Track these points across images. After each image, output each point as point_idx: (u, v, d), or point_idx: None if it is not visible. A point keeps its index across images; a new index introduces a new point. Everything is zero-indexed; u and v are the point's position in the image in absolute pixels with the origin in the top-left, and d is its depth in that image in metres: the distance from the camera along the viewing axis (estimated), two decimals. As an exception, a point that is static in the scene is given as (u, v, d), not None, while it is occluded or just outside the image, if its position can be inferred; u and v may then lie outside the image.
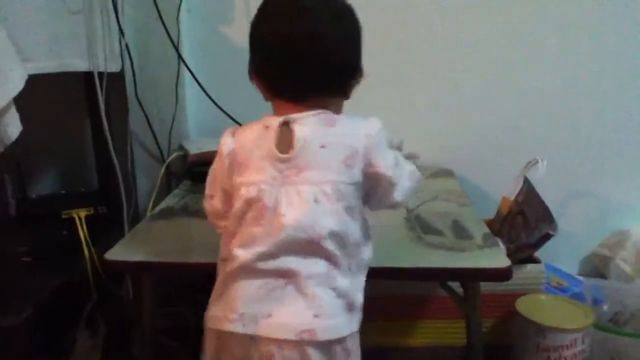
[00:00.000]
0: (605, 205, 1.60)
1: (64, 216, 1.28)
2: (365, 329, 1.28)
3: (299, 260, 0.73)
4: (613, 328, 1.23)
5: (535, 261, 1.31)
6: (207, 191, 0.84)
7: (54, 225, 1.27)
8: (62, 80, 1.26)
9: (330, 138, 0.76)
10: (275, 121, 0.77)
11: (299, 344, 0.71)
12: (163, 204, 1.21)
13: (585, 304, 1.24)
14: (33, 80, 1.00)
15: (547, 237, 1.21)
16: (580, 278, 1.47)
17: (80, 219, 1.27)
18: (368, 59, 1.52)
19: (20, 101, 0.97)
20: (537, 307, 1.20)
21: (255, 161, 0.76)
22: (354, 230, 0.76)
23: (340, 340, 0.74)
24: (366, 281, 0.82)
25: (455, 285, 1.04)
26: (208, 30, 1.50)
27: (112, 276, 1.28)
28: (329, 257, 0.74)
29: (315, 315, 0.72)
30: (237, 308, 0.74)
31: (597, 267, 1.57)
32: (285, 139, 0.76)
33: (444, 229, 1.06)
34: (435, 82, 1.55)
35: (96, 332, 1.28)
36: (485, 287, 1.01)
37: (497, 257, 0.94)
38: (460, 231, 1.05)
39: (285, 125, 0.76)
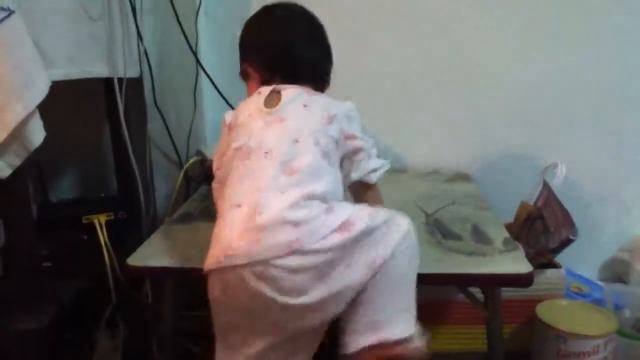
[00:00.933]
0: (625, 209, 1.58)
1: (84, 221, 1.29)
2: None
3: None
4: (637, 335, 1.22)
5: (555, 266, 1.30)
6: (214, 165, 0.93)
7: (75, 230, 1.29)
8: (81, 86, 1.28)
9: (312, 100, 0.89)
10: (266, 89, 0.91)
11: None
12: (182, 209, 1.22)
13: (607, 310, 1.23)
14: (54, 87, 1.01)
15: (567, 241, 1.20)
16: (601, 283, 1.46)
17: (100, 224, 1.29)
18: (385, 63, 1.53)
19: (41, 107, 0.98)
20: (558, 313, 1.19)
21: (245, 118, 0.88)
22: (328, 175, 0.83)
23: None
24: None
25: (476, 291, 1.04)
26: (226, 34, 1.51)
27: (132, 280, 1.29)
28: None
29: None
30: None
31: (617, 272, 1.55)
32: (273, 100, 0.89)
33: (463, 233, 1.05)
34: (452, 86, 1.54)
35: (116, 335, 1.29)
36: (505, 292, 1.00)
37: (518, 262, 0.93)
38: (480, 236, 1.04)
39: (275, 92, 0.90)
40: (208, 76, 1.48)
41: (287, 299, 0.74)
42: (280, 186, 0.79)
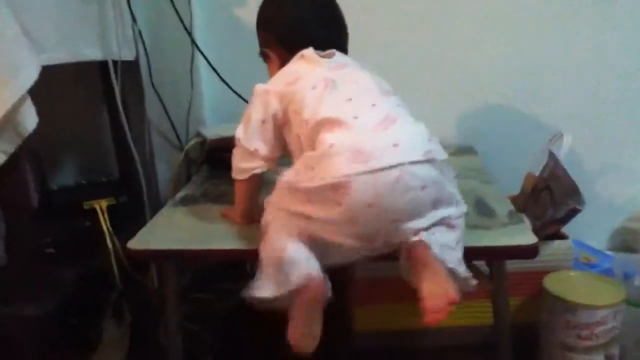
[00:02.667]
0: (634, 178, 1.56)
1: (85, 207, 1.29)
2: (390, 311, 1.28)
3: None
4: (646, 304, 1.21)
5: (563, 237, 1.28)
6: (241, 134, 0.93)
7: (76, 216, 1.29)
8: (78, 70, 1.27)
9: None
10: (308, 52, 0.94)
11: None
12: (183, 191, 1.21)
13: (615, 280, 1.21)
14: (49, 71, 1.00)
15: (574, 211, 1.18)
16: (610, 253, 1.44)
17: (102, 209, 1.28)
18: (387, 36, 1.51)
19: (37, 93, 0.97)
20: (566, 284, 1.18)
21: (302, 72, 0.92)
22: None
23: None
24: (390, 263, 0.85)
25: (481, 264, 1.02)
26: (220, 14, 1.48)
27: (137, 265, 1.29)
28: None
29: None
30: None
31: (627, 241, 1.54)
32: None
33: (467, 207, 1.03)
34: (454, 57, 1.52)
35: (122, 321, 1.30)
36: (512, 265, 0.99)
37: (523, 234, 0.92)
38: (484, 209, 1.03)
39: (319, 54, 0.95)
40: (204, 56, 1.46)
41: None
42: (391, 103, 0.87)
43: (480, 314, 1.25)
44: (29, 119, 0.95)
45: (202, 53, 1.45)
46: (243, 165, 0.94)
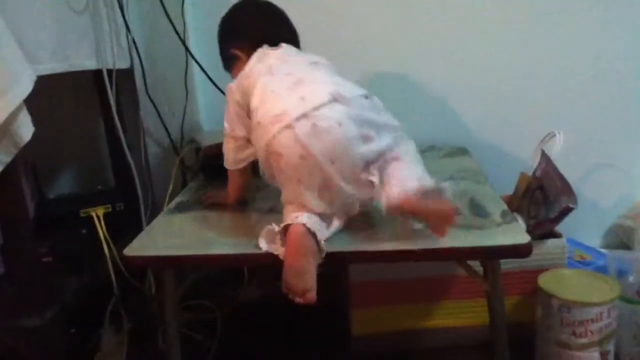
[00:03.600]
0: (626, 175, 1.57)
1: (82, 215, 1.29)
2: (387, 313, 1.29)
3: None
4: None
5: (557, 236, 1.29)
6: (228, 128, 1.04)
7: (73, 225, 1.29)
8: (73, 80, 1.27)
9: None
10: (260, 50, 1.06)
11: None
12: (179, 198, 1.21)
13: (609, 277, 1.22)
14: (44, 81, 1.01)
15: (567, 210, 1.19)
16: (604, 251, 1.45)
17: (98, 217, 1.29)
18: (377, 35, 1.52)
19: (32, 102, 0.98)
20: (561, 282, 1.18)
21: (258, 70, 1.02)
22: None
23: None
24: (385, 265, 0.99)
25: (475, 264, 1.03)
26: (214, 22, 1.47)
27: (134, 272, 1.29)
28: None
29: None
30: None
31: (621, 238, 1.55)
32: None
33: (461, 207, 1.04)
34: (447, 58, 1.52)
35: (121, 328, 1.30)
36: (507, 264, 1.00)
37: (516, 234, 0.92)
38: (477, 209, 1.03)
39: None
40: (198, 64, 1.47)
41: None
42: (309, 71, 0.99)
43: (476, 313, 1.26)
44: (25, 129, 0.96)
45: (196, 60, 1.46)
46: (240, 155, 1.04)
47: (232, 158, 1.05)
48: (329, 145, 0.87)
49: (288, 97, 0.92)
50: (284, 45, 1.07)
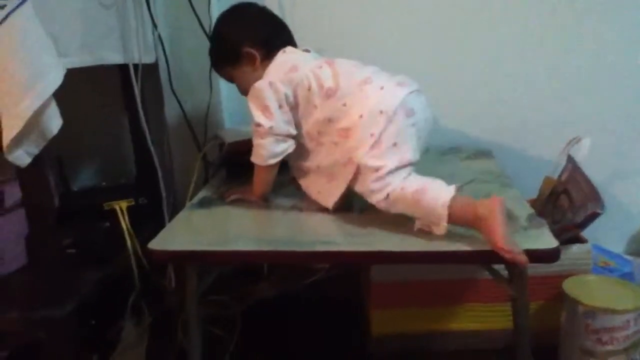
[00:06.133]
0: (653, 181, 1.54)
1: (105, 208, 1.30)
2: (408, 314, 1.28)
3: None
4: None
5: (582, 241, 1.27)
6: (266, 121, 1.06)
7: (97, 217, 1.30)
8: (98, 74, 1.28)
9: None
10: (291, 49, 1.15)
11: None
12: (201, 194, 1.22)
13: (636, 284, 1.20)
14: (70, 75, 1.01)
15: (594, 215, 1.17)
16: (629, 258, 1.43)
17: (121, 210, 1.30)
18: (405, 42, 1.52)
19: (59, 95, 0.98)
20: (585, 289, 1.17)
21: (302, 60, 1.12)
22: None
23: None
24: (407, 266, 1.03)
25: (501, 268, 1.02)
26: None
27: (155, 266, 1.30)
28: None
29: None
30: None
31: (647, 245, 1.53)
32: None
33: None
34: (471, 62, 1.51)
35: (141, 321, 1.31)
36: (530, 269, 0.98)
37: (543, 238, 0.92)
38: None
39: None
40: (210, 40, 1.46)
41: None
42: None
43: (499, 318, 1.24)
44: (54, 121, 0.97)
45: (221, 56, 1.46)
46: (278, 149, 1.06)
47: (269, 153, 1.06)
48: (429, 121, 1.04)
49: (393, 76, 1.05)
50: (311, 49, 1.16)
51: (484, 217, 0.88)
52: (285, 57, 1.11)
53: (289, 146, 1.07)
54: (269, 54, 1.12)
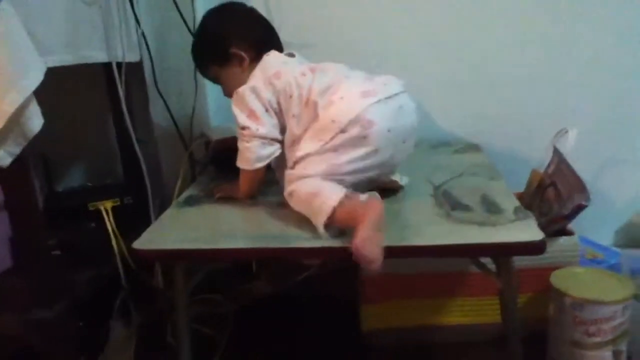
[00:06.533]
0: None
1: (90, 208, 1.29)
2: (398, 308, 1.28)
3: None
4: (654, 299, 1.20)
5: (569, 233, 1.27)
6: (252, 124, 1.05)
7: (82, 218, 1.29)
8: (83, 73, 1.27)
9: None
10: (275, 53, 1.13)
11: None
12: (188, 192, 1.21)
13: (623, 276, 1.21)
14: (54, 74, 1.00)
15: (580, 208, 1.17)
16: (616, 249, 1.43)
17: (106, 210, 1.29)
18: (392, 34, 1.52)
19: (42, 95, 0.97)
20: (573, 281, 1.17)
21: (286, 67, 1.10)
22: None
23: None
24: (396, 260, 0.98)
25: (488, 261, 1.02)
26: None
27: (143, 265, 1.29)
28: None
29: None
30: None
31: (634, 237, 1.53)
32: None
33: (473, 204, 1.03)
34: (458, 55, 1.51)
35: (129, 322, 1.30)
36: (518, 262, 0.99)
37: (529, 231, 0.91)
38: (490, 206, 1.02)
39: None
40: (194, 37, 1.45)
41: None
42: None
43: (488, 311, 1.25)
44: (35, 120, 0.96)
45: (206, 54, 1.45)
46: (264, 152, 1.05)
47: (255, 156, 1.05)
48: (408, 127, 1.00)
49: (369, 81, 1.02)
50: (296, 53, 1.14)
51: (360, 214, 0.87)
52: (269, 62, 1.09)
53: (275, 150, 1.06)
54: (257, 56, 1.11)
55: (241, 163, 1.07)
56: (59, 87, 1.01)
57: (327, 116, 0.97)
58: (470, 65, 1.52)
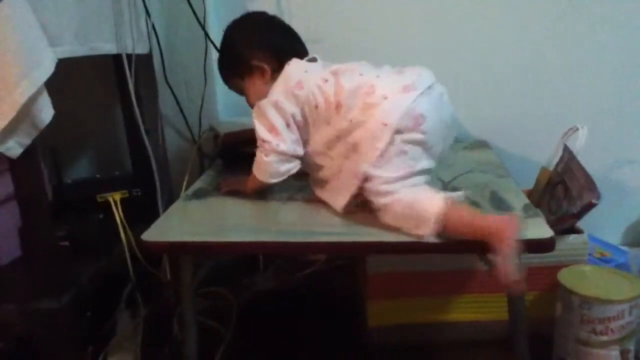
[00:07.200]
0: (650, 171, 1.54)
1: (99, 200, 1.29)
2: (404, 305, 1.28)
3: None
4: (662, 299, 1.19)
5: (578, 232, 1.27)
6: (274, 140, 1.03)
7: (90, 210, 1.29)
8: (92, 65, 1.27)
9: None
10: (297, 60, 1.09)
11: None
12: (196, 185, 1.21)
13: (631, 275, 1.20)
14: (64, 65, 1.00)
15: (590, 206, 1.16)
16: (625, 248, 1.43)
17: (115, 202, 1.29)
18: (401, 30, 1.51)
19: (52, 86, 0.97)
20: (581, 279, 1.16)
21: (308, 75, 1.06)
22: None
23: None
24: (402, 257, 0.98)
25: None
26: (234, 8, 1.47)
27: (150, 258, 1.30)
28: None
29: None
30: None
31: (643, 236, 1.53)
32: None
33: (481, 200, 1.03)
34: (467, 51, 1.51)
35: (136, 314, 1.30)
36: (526, 259, 0.98)
37: (539, 228, 0.91)
38: (499, 203, 1.02)
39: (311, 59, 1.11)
40: (218, 50, 1.45)
41: None
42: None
43: (496, 308, 1.24)
44: (45, 112, 0.95)
45: (216, 47, 1.45)
46: (282, 169, 1.03)
47: (273, 171, 1.03)
48: (447, 118, 0.98)
49: (403, 75, 0.99)
50: (317, 58, 1.11)
51: (496, 238, 0.84)
52: (290, 73, 1.06)
53: (293, 166, 1.04)
54: (279, 66, 1.08)
55: (257, 172, 1.05)
56: (69, 78, 1.01)
57: (376, 120, 0.94)
58: (479, 62, 1.51)
